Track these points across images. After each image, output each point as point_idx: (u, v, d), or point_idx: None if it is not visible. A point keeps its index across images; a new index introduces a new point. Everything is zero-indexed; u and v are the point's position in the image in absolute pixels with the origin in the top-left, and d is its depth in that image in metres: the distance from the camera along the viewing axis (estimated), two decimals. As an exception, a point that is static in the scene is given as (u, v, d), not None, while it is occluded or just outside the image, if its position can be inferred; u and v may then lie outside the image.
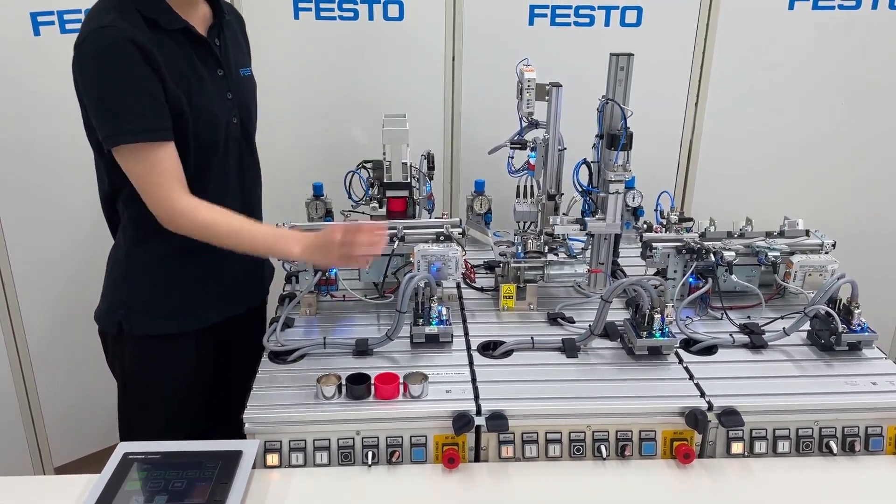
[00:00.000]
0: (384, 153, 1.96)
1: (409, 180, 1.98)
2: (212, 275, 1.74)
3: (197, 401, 1.79)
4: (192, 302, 1.73)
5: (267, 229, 1.69)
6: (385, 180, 1.97)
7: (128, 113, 1.51)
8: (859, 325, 1.70)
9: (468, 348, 1.74)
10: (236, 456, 1.40)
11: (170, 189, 1.55)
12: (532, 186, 2.06)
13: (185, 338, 1.73)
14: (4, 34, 2.17)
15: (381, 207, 1.99)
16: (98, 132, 1.54)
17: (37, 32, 2.21)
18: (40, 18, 2.21)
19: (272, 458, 1.48)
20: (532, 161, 1.96)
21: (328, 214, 2.06)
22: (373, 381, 1.55)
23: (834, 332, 1.69)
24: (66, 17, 2.24)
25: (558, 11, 2.50)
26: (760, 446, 1.52)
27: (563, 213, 1.96)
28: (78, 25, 2.22)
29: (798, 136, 2.69)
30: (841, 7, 2.52)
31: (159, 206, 1.57)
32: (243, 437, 1.48)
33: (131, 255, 1.70)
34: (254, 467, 1.41)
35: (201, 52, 1.63)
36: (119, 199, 1.68)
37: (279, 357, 1.70)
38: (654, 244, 1.89)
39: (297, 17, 2.49)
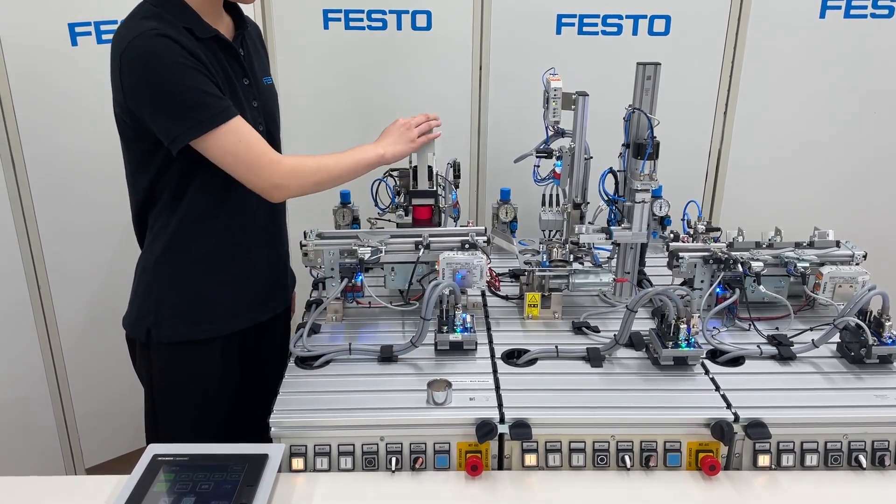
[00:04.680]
0: (410, 161, 1.97)
1: (434, 188, 1.99)
2: (239, 281, 1.77)
3: (222, 406, 1.81)
4: (220, 308, 1.75)
5: (351, 151, 1.75)
6: (411, 188, 1.99)
7: (204, 99, 1.53)
8: (890, 337, 1.67)
9: (492, 356, 1.74)
10: (262, 459, 1.41)
11: (269, 153, 1.60)
12: (558, 195, 2.06)
13: (213, 344, 1.75)
14: (43, 44, 2.23)
15: (406, 215, 2.01)
16: (172, 131, 1.53)
17: (74, 43, 2.27)
18: (78, 29, 2.26)
19: (297, 462, 1.49)
20: (558, 170, 1.96)
21: (355, 221, 2.08)
22: (397, 388, 1.56)
23: (864, 345, 1.66)
24: (103, 27, 2.29)
25: (586, 20, 2.50)
26: (788, 459, 1.50)
27: (589, 222, 1.96)
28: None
29: (828, 145, 2.65)
30: (874, 16, 2.49)
31: (269, 174, 1.59)
32: (268, 441, 1.50)
33: (160, 263, 1.72)
34: (279, 471, 1.43)
35: (230, 61, 1.66)
36: (154, 208, 1.69)
37: (305, 362, 1.71)
38: (681, 254, 1.88)
39: (326, 27, 2.53)
